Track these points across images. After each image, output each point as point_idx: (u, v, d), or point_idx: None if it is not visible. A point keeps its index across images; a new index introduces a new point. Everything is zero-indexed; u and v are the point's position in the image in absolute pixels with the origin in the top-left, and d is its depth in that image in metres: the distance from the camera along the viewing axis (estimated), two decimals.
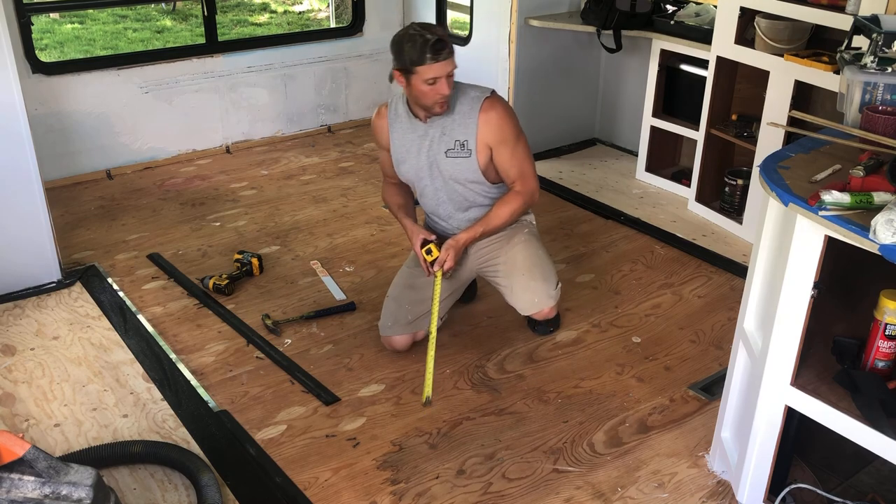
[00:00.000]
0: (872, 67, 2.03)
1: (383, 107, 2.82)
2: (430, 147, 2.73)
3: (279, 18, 9.53)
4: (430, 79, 2.52)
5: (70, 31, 8.50)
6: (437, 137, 2.71)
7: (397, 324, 2.82)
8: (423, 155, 2.74)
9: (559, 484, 2.32)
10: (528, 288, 2.79)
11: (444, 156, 2.71)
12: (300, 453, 2.43)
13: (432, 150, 2.73)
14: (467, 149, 2.68)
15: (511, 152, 2.71)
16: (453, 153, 2.70)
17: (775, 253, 2.01)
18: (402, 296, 2.85)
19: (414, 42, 2.49)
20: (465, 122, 2.67)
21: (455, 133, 2.68)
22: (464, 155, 2.70)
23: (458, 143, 2.68)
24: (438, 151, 2.72)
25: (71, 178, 4.28)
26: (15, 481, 1.74)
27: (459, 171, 2.73)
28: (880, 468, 2.28)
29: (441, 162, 2.73)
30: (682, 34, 3.95)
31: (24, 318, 3.08)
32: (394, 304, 2.84)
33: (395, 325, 2.82)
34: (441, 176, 2.76)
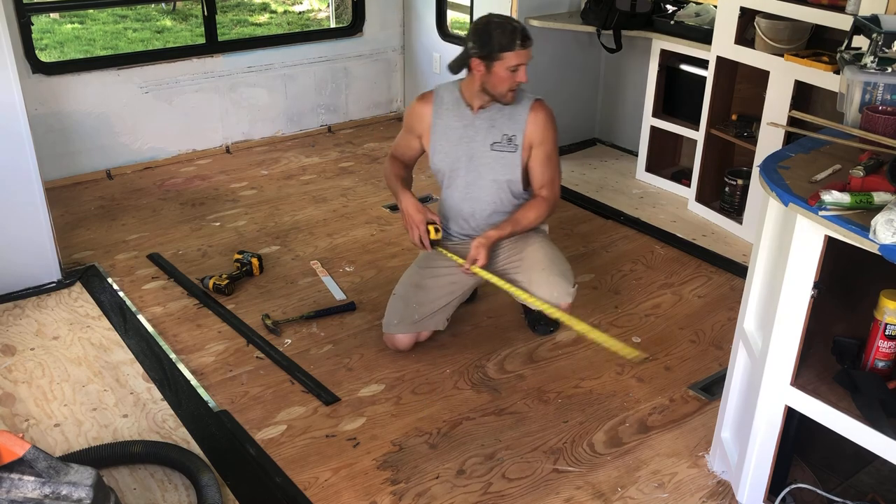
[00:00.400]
0: (872, 67, 2.03)
1: (429, 93, 2.83)
2: (473, 138, 2.74)
3: (279, 18, 9.53)
4: (514, 66, 2.56)
5: (70, 31, 8.50)
6: (485, 129, 2.72)
7: (403, 322, 2.81)
8: (464, 145, 2.75)
9: (559, 484, 2.32)
10: (549, 282, 2.75)
11: (489, 148, 2.73)
12: (300, 453, 2.43)
13: (476, 142, 2.74)
14: (514, 144, 2.71)
15: (547, 156, 2.75)
16: (499, 146, 2.72)
17: (775, 253, 2.01)
18: (410, 295, 2.84)
19: (504, 29, 2.56)
20: (515, 117, 2.70)
21: (504, 127, 2.71)
22: (509, 150, 2.72)
23: (506, 137, 2.71)
24: (483, 143, 2.73)
25: (71, 178, 4.28)
26: (15, 481, 1.74)
27: (500, 165, 2.74)
28: (880, 468, 2.28)
29: (483, 155, 2.74)
30: (682, 34, 3.95)
31: (24, 318, 3.08)
32: (401, 302, 2.84)
33: (401, 324, 2.82)
34: (478, 170, 2.77)
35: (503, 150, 2.73)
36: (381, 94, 5.26)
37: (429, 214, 2.76)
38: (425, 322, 2.83)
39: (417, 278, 2.87)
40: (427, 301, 2.82)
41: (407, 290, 2.86)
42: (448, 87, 2.81)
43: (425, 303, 2.82)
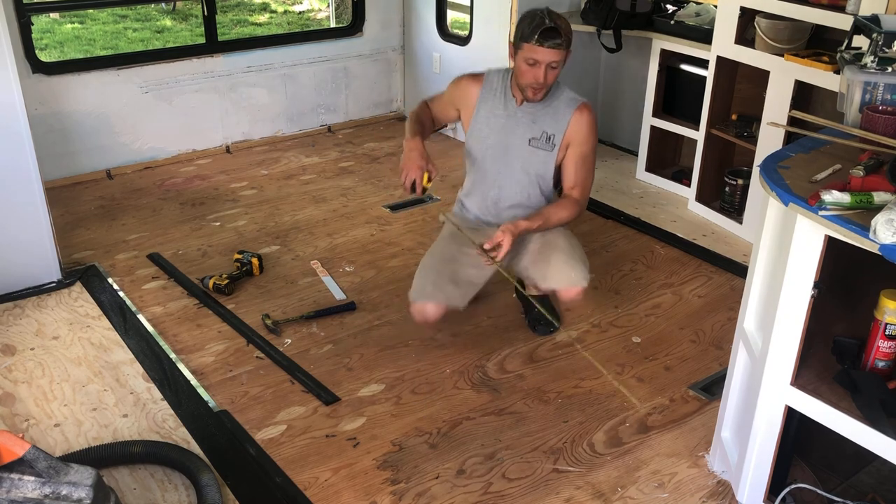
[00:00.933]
0: (872, 67, 2.03)
1: (480, 74, 2.81)
2: (513, 130, 2.73)
3: (279, 18, 9.53)
4: (530, 59, 2.55)
5: (70, 31, 8.50)
6: (526, 124, 2.72)
7: (436, 290, 2.69)
8: (502, 135, 2.75)
9: (559, 484, 2.32)
10: (567, 264, 2.71)
11: (527, 143, 2.73)
12: (300, 453, 2.43)
13: (515, 135, 2.74)
14: (552, 143, 2.71)
15: (583, 157, 2.74)
16: (536, 143, 2.72)
17: (775, 253, 2.01)
18: (441, 267, 2.75)
19: (532, 20, 2.56)
20: (558, 116, 2.71)
21: (545, 124, 2.71)
22: (546, 148, 2.72)
23: (546, 134, 2.71)
24: (522, 138, 2.73)
25: (71, 178, 4.28)
26: (15, 481, 1.74)
27: (533, 161, 2.75)
28: (880, 468, 2.28)
29: (519, 148, 2.74)
30: (683, 34, 3.95)
31: (24, 318, 3.08)
32: (432, 272, 2.74)
33: (435, 292, 2.69)
34: (511, 162, 2.76)
35: (540, 149, 2.73)
36: (381, 94, 5.26)
37: (429, 164, 2.62)
38: (456, 293, 2.71)
39: (447, 253, 2.79)
40: (458, 273, 2.74)
41: (437, 263, 2.78)
42: (500, 73, 2.79)
43: (458, 272, 2.74)
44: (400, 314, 3.14)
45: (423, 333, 3.01)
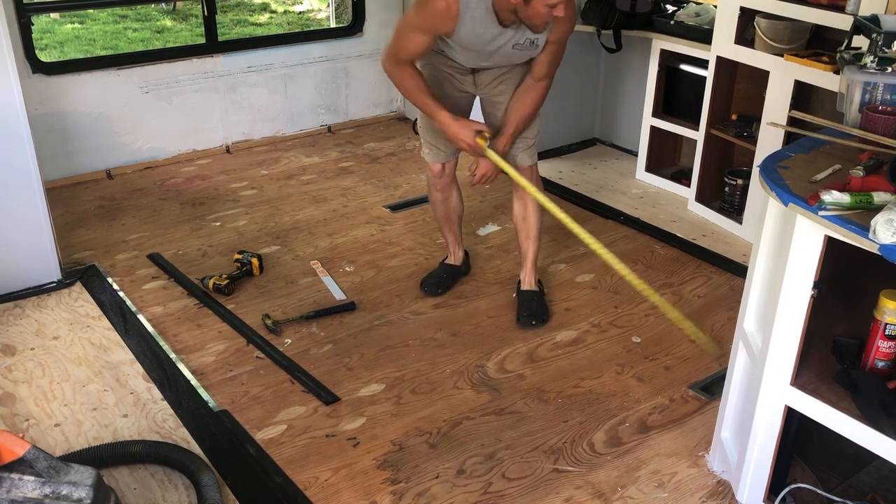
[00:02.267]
0: (872, 67, 2.03)
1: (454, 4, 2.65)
2: (496, 41, 2.71)
3: (279, 18, 9.53)
4: (553, 3, 2.54)
5: (70, 31, 8.50)
6: (510, 35, 2.70)
7: (441, 151, 3.05)
8: (484, 45, 2.73)
9: (559, 484, 2.32)
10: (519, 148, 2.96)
11: (511, 48, 2.74)
12: (300, 453, 2.43)
13: (499, 41, 2.72)
14: (536, 45, 2.73)
15: (557, 52, 2.77)
16: (520, 47, 2.74)
17: (775, 253, 2.01)
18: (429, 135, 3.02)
19: None
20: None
21: (528, 34, 2.70)
22: (530, 49, 2.75)
23: (529, 40, 2.72)
24: (506, 46, 2.73)
25: (71, 178, 4.28)
26: (15, 481, 1.74)
27: (519, 55, 2.79)
28: (880, 468, 2.28)
29: (502, 51, 2.75)
30: (682, 34, 3.95)
31: (24, 318, 3.08)
32: (431, 136, 3.03)
33: (441, 153, 3.05)
34: (494, 56, 2.79)
35: (524, 50, 2.75)
36: (381, 94, 5.26)
37: (473, 126, 2.79)
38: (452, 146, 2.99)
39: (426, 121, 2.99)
40: None
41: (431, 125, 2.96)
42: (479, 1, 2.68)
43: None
44: (400, 314, 3.14)
45: (424, 333, 3.01)
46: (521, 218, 3.12)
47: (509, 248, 3.64)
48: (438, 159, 3.08)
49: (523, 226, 3.13)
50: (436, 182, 3.15)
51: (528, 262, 3.17)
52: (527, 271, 3.18)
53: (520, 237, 3.17)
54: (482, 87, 2.95)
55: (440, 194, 3.19)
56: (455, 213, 3.27)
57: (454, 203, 3.24)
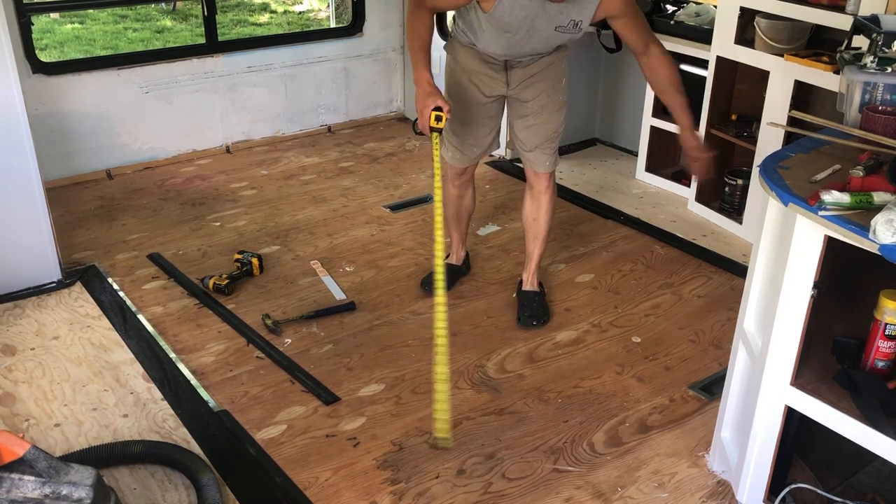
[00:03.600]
0: (872, 67, 2.03)
1: None
2: (539, 18, 2.65)
3: (279, 18, 9.53)
4: None
5: (70, 31, 8.50)
6: (554, 14, 2.63)
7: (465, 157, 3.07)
8: (527, 22, 2.66)
9: (559, 484, 2.32)
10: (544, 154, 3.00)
11: (553, 29, 2.68)
12: (300, 453, 2.43)
13: (539, 21, 2.66)
14: (579, 28, 2.68)
15: (634, 21, 2.68)
16: (563, 29, 2.68)
17: (775, 253, 2.01)
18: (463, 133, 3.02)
19: None
20: (585, 6, 2.61)
21: (572, 14, 2.64)
22: (573, 32, 2.70)
23: (573, 21, 2.66)
24: (548, 25, 2.67)
25: (71, 178, 4.28)
26: (15, 481, 1.74)
27: (559, 38, 2.74)
28: (880, 468, 2.28)
29: (544, 30, 2.69)
30: (682, 34, 3.95)
31: (25, 318, 3.08)
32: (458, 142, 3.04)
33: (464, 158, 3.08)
34: (534, 39, 2.73)
35: (565, 32, 2.69)
36: (381, 94, 5.26)
37: (437, 100, 2.64)
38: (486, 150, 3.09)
39: (463, 117, 2.98)
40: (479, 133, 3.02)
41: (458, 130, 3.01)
42: None
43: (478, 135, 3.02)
44: (400, 314, 3.14)
45: (424, 333, 3.01)
46: (531, 219, 3.10)
47: (509, 248, 3.64)
48: (461, 164, 3.10)
49: (533, 226, 3.11)
50: (454, 179, 3.17)
51: (532, 263, 3.17)
52: (530, 272, 3.18)
53: (527, 237, 3.16)
54: (513, 86, 2.91)
55: (457, 191, 3.20)
56: (466, 211, 3.28)
57: (468, 201, 3.25)
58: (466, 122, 2.99)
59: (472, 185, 3.23)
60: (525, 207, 3.14)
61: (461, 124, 3.00)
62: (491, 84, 2.91)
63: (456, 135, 3.03)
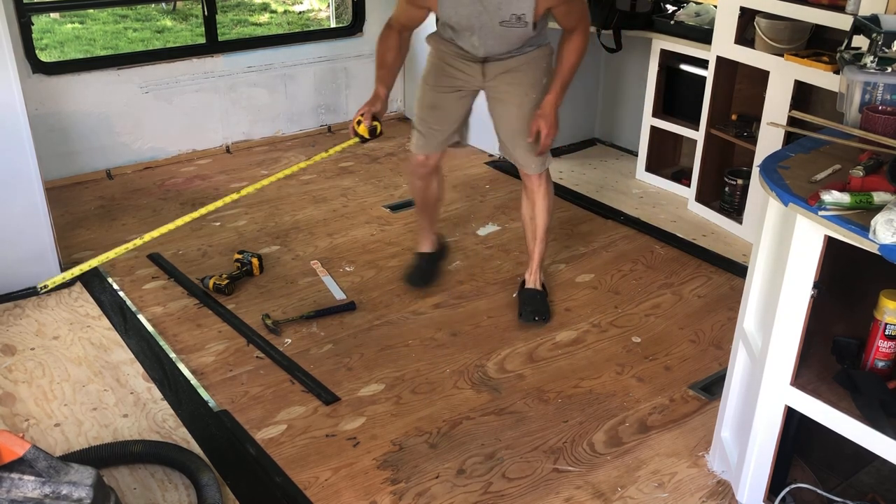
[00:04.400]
0: (872, 67, 2.03)
1: None
2: (481, 15, 2.71)
3: (279, 18, 9.53)
4: None
5: (70, 31, 8.50)
6: (493, 10, 2.69)
7: (429, 143, 3.07)
8: (471, 20, 2.73)
9: (559, 484, 2.32)
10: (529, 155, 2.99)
11: (498, 25, 2.73)
12: (300, 453, 2.43)
13: (484, 18, 2.71)
14: (524, 21, 2.71)
15: (570, 8, 2.77)
16: (507, 24, 2.72)
17: (775, 253, 2.01)
18: (428, 117, 3.05)
19: None
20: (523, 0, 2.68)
21: (512, 8, 2.68)
22: (519, 26, 2.73)
23: (514, 16, 2.70)
24: (492, 20, 2.72)
25: (71, 178, 4.28)
26: (15, 481, 1.74)
27: (510, 35, 2.77)
28: (880, 468, 2.28)
29: (491, 29, 2.75)
30: (682, 34, 3.95)
31: (24, 318, 3.08)
32: (422, 124, 3.07)
33: (428, 144, 3.08)
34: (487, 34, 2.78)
35: (513, 27, 2.73)
36: None
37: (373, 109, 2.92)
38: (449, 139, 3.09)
39: (430, 99, 3.03)
40: (444, 119, 3.04)
41: (425, 114, 3.05)
42: None
43: (443, 121, 3.04)
44: (400, 314, 3.14)
45: (424, 333, 3.02)
46: (529, 218, 3.14)
47: (509, 248, 3.64)
48: (423, 150, 3.11)
49: (531, 225, 3.14)
50: (416, 169, 3.18)
51: (533, 262, 3.18)
52: (532, 271, 3.19)
53: (527, 237, 3.19)
54: (490, 79, 2.94)
55: (421, 182, 3.21)
56: (433, 200, 3.31)
57: (433, 191, 3.27)
58: (435, 106, 3.03)
59: (438, 175, 3.24)
60: (523, 207, 3.16)
61: (430, 107, 3.04)
62: (465, 75, 2.95)
63: (424, 120, 3.06)
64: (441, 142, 3.09)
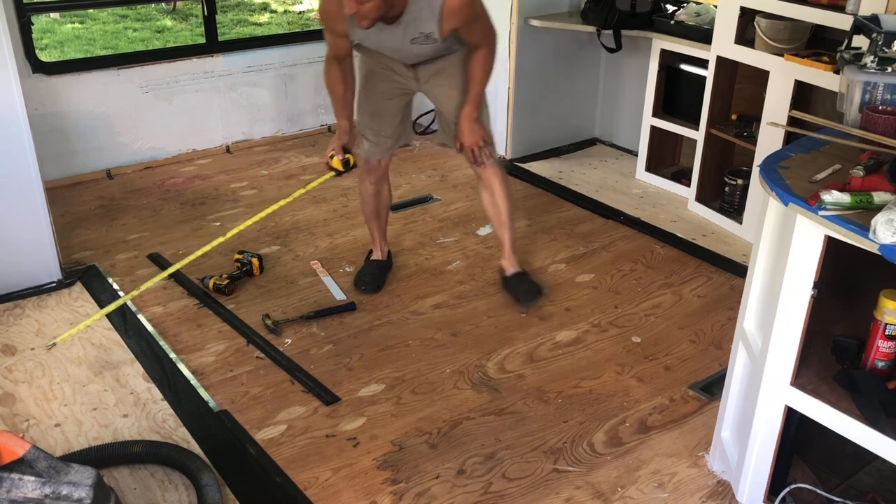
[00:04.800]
0: (872, 67, 2.03)
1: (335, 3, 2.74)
2: (391, 39, 2.78)
3: (279, 18, 9.53)
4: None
5: (70, 31, 8.50)
6: (401, 33, 2.75)
7: (379, 149, 3.15)
8: (383, 42, 2.80)
9: (559, 484, 2.32)
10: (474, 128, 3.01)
11: (409, 43, 2.79)
12: (300, 453, 2.43)
13: (395, 40, 2.78)
14: (432, 38, 2.77)
15: (472, 27, 2.82)
16: (418, 41, 2.79)
17: (775, 253, 2.01)
18: (373, 125, 3.11)
19: None
20: (428, 17, 2.71)
21: (419, 27, 2.74)
22: (429, 43, 2.80)
23: (423, 34, 2.76)
24: (402, 41, 2.78)
25: (71, 178, 4.28)
26: (15, 481, 1.74)
27: (424, 50, 2.84)
28: (880, 468, 2.28)
29: (405, 48, 2.82)
30: (682, 34, 3.95)
31: (25, 318, 3.08)
32: (370, 133, 3.13)
33: (378, 151, 3.15)
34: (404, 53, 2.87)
35: (423, 44, 2.80)
36: None
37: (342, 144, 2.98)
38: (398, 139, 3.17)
39: (371, 106, 3.09)
40: (388, 123, 3.10)
41: (369, 122, 3.10)
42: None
43: (388, 125, 3.10)
44: (400, 314, 3.14)
45: (424, 333, 3.02)
46: (491, 206, 3.21)
47: None
48: (376, 156, 3.17)
49: (495, 212, 3.22)
50: (369, 176, 3.22)
51: (506, 247, 3.26)
52: (507, 256, 3.27)
53: (493, 225, 3.29)
54: (424, 82, 3.02)
55: (373, 187, 3.25)
56: (385, 206, 3.35)
57: (385, 197, 3.32)
58: (378, 114, 3.09)
59: (387, 179, 3.30)
60: (482, 198, 3.24)
61: (376, 116, 3.09)
62: (400, 77, 3.02)
63: (370, 128, 3.11)
64: (390, 146, 3.17)
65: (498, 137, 4.51)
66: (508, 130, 4.53)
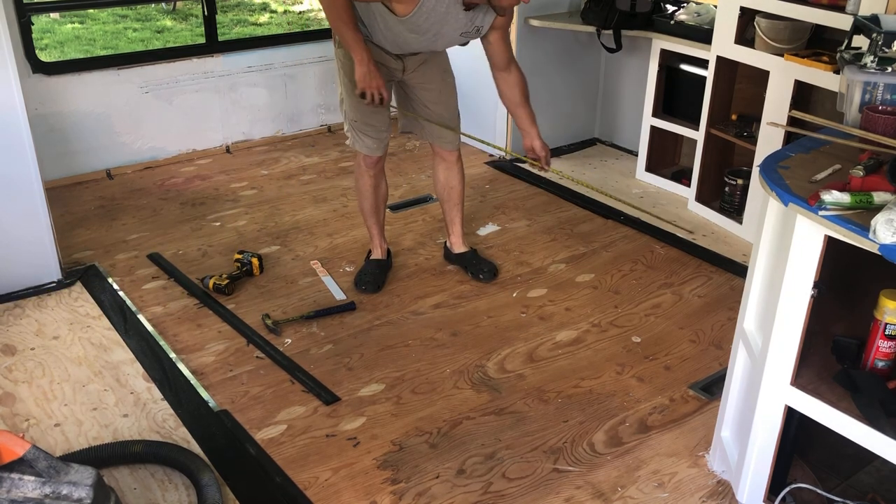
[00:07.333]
0: (872, 67, 2.03)
1: None
2: (449, 24, 2.78)
3: (279, 18, 9.53)
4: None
5: (70, 31, 8.50)
6: (464, 22, 2.79)
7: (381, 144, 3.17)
8: (437, 27, 2.79)
9: (559, 484, 2.32)
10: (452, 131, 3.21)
11: (458, 35, 2.84)
12: (300, 453, 2.43)
13: (448, 27, 2.79)
14: (479, 32, 2.86)
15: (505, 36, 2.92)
16: (467, 35, 2.86)
17: (775, 253, 2.02)
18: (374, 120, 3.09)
19: None
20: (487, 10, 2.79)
21: (477, 20, 2.81)
22: (470, 36, 2.87)
23: (477, 27, 2.83)
24: (455, 30, 2.81)
25: (71, 178, 4.28)
26: (15, 481, 1.74)
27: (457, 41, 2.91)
28: (880, 468, 2.28)
29: (449, 35, 2.84)
30: (682, 34, 3.95)
31: (25, 318, 3.08)
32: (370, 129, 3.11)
33: (380, 147, 3.17)
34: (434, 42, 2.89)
35: (466, 36, 2.87)
36: None
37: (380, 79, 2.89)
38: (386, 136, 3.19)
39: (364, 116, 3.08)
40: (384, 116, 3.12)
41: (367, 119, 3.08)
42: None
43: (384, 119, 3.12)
44: (400, 314, 3.14)
45: (424, 333, 3.02)
46: (448, 187, 3.32)
47: (509, 247, 3.64)
48: (377, 152, 3.18)
49: (451, 194, 3.33)
50: (370, 170, 3.23)
51: (457, 226, 3.40)
52: (458, 235, 3.41)
53: (447, 205, 3.38)
54: (410, 72, 3.06)
55: (372, 181, 3.26)
56: (383, 201, 3.36)
57: (383, 190, 3.34)
58: (376, 110, 3.07)
59: (384, 174, 3.32)
60: (439, 179, 3.33)
61: (373, 112, 3.07)
62: (389, 69, 3.04)
63: (370, 125, 3.11)
64: (388, 139, 3.21)
65: (498, 137, 4.51)
66: (508, 130, 4.52)
